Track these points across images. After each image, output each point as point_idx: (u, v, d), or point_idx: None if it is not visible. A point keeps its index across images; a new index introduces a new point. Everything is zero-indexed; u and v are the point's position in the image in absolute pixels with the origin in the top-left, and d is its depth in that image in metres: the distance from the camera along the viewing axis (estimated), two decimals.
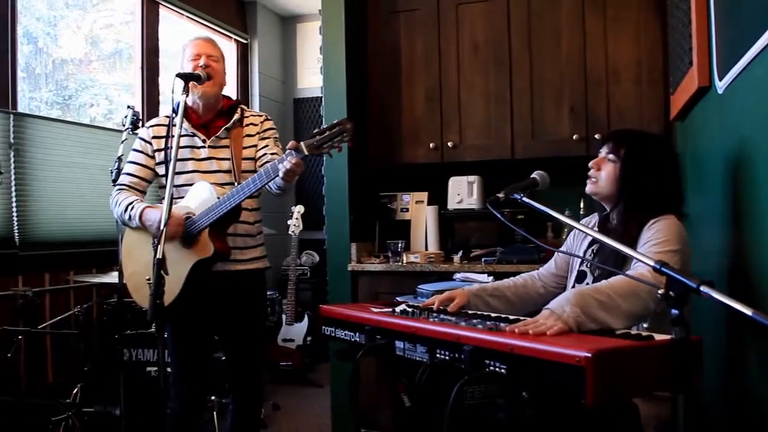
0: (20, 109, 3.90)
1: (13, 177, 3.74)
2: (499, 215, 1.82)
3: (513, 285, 2.19)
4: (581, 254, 2.10)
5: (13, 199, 3.74)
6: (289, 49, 6.78)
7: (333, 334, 2.08)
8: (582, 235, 2.17)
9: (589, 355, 1.26)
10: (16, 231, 3.77)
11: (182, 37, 5.42)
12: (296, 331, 5.02)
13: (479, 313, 1.95)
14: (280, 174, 2.21)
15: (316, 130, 2.20)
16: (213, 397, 3.38)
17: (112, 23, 5.05)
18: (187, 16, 5.47)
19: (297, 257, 5.05)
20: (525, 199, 1.85)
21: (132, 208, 2.44)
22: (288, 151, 2.20)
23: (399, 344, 1.76)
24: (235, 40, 6.18)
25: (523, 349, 1.39)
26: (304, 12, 6.62)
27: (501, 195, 1.88)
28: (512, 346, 1.42)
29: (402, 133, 3.64)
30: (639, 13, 3.28)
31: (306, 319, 5.07)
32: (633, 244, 1.83)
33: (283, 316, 5.04)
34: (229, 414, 2.64)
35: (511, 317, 1.81)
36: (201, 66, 2.44)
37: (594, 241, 2.06)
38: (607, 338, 1.48)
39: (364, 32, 3.72)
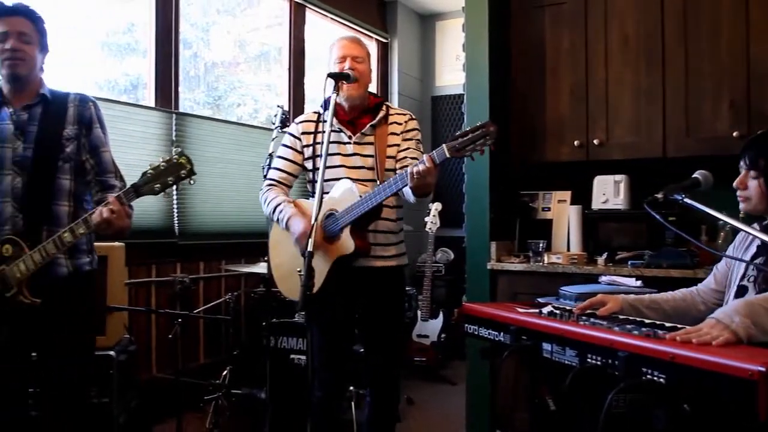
0: (179, 109, 4.22)
1: None
2: (658, 217, 1.73)
3: (672, 299, 2.06)
4: (744, 267, 1.93)
5: (174, 193, 4.05)
6: (428, 47, 6.83)
7: (476, 333, 2.07)
8: (744, 245, 2.01)
9: (764, 369, 1.17)
10: (176, 222, 4.08)
11: (326, 38, 5.63)
12: (431, 328, 5.05)
13: (632, 318, 1.86)
14: (407, 177, 2.23)
15: (458, 132, 2.18)
16: (351, 387, 3.47)
17: (258, 27, 5.32)
18: (331, 18, 5.66)
19: (433, 254, 5.08)
20: (687, 200, 1.74)
21: (280, 211, 2.55)
22: (420, 160, 2.21)
23: (546, 346, 1.73)
24: (376, 39, 6.31)
25: (686, 359, 1.32)
26: (444, 10, 6.65)
27: (660, 195, 1.78)
28: (673, 355, 1.35)
29: (545, 130, 3.55)
30: None
31: (441, 315, 5.08)
32: None
33: (419, 312, 5.08)
34: (367, 405, 2.70)
35: (667, 324, 1.71)
36: (346, 69, 2.50)
37: (759, 252, 1.90)
38: None
39: (507, 28, 3.67)
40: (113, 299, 3.10)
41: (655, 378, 1.38)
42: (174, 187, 2.10)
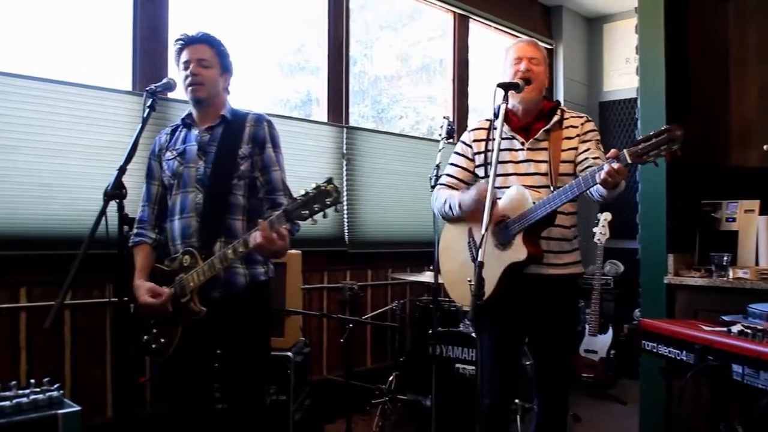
0: (349, 123, 4.41)
1: (345, 183, 4.24)
2: None
3: None
4: None
5: (345, 203, 4.24)
6: (595, 51, 6.60)
7: (654, 350, 1.97)
8: None
9: None
10: (346, 231, 4.27)
11: (489, 48, 5.63)
12: (600, 343, 4.84)
13: None
14: (598, 182, 2.15)
15: (640, 137, 2.08)
16: (517, 401, 3.43)
17: (420, 40, 5.43)
18: (495, 27, 5.64)
19: (601, 266, 4.87)
20: None
21: (451, 197, 2.57)
22: (608, 159, 2.13)
23: (737, 368, 1.61)
24: None
25: None
26: (612, 11, 6.39)
27: None
28: None
29: (729, 133, 3.29)
30: None
31: (610, 330, 4.85)
32: None
33: (586, 326, 4.90)
34: (534, 417, 2.64)
35: None
36: (522, 70, 2.47)
37: None
38: None
39: (685, 26, 3.45)
40: (291, 303, 3.30)
41: None
42: (321, 214, 2.09)
